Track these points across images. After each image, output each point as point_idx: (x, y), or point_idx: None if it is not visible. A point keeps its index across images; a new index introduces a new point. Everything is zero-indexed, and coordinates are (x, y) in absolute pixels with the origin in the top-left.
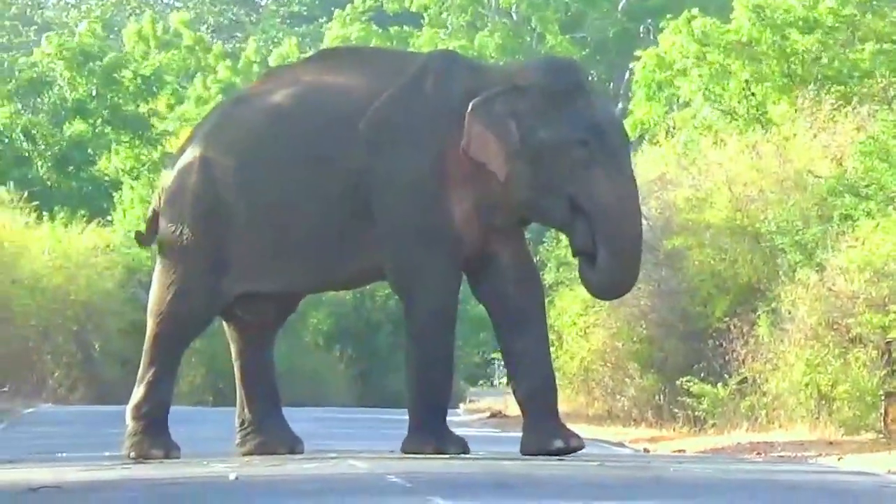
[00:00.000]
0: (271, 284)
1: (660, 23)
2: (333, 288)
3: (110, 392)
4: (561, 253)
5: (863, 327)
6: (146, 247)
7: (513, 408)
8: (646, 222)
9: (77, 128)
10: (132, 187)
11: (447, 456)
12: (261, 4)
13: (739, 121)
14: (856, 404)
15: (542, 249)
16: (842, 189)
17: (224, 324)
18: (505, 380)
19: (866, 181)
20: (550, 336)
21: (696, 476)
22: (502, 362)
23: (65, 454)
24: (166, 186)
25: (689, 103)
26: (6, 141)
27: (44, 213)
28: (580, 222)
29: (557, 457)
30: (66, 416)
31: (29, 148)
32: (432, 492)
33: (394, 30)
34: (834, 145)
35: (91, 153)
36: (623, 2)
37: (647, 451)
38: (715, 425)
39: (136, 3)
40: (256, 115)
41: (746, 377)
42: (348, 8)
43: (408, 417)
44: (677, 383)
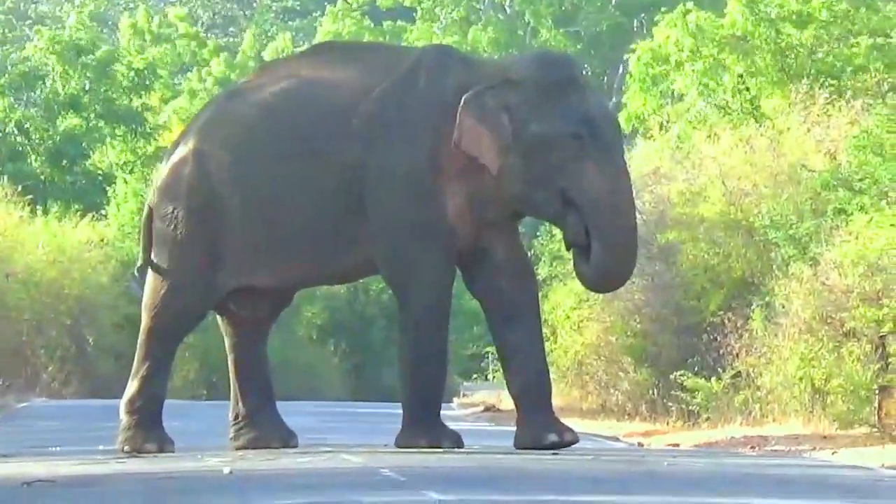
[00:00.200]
0: (266, 279)
1: (653, 17)
2: (328, 282)
3: (104, 386)
4: (555, 247)
5: (857, 321)
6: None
7: (507, 402)
8: (639, 216)
9: (71, 122)
10: (126, 181)
11: (441, 450)
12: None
13: (733, 115)
14: (850, 398)
15: (536, 244)
16: (835, 183)
17: (218, 318)
18: (499, 374)
19: (860, 175)
20: (544, 330)
21: (690, 470)
22: (496, 356)
23: (59, 448)
24: (161, 181)
25: (683, 97)
26: (0, 135)
27: (38, 207)
28: (572, 216)
29: (551, 451)
30: (60, 410)
31: (23, 142)
32: (426, 486)
33: (387, 24)
34: (828, 139)
35: (85, 147)
36: None
37: (641, 445)
38: (709, 419)
39: None
40: (251, 110)
41: (740, 371)
42: (341, 3)
43: (401, 411)
44: (671, 377)
